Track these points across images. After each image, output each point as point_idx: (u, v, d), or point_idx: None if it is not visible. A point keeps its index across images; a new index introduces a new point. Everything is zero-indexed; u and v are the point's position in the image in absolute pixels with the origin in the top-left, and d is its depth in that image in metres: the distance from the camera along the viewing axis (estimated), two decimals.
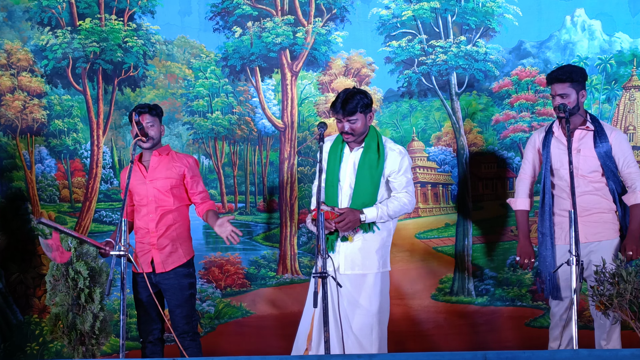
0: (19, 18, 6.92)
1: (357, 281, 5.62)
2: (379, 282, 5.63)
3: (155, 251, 5.89)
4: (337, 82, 6.85)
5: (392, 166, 5.65)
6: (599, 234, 5.70)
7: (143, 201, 5.91)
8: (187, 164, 5.96)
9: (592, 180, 5.72)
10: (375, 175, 5.62)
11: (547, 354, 4.75)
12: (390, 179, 5.68)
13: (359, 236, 5.62)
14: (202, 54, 6.89)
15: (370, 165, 5.62)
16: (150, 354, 5.94)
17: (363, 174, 5.62)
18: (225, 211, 6.90)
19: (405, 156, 5.71)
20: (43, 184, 6.93)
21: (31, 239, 6.88)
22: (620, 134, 5.81)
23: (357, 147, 5.68)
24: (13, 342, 6.88)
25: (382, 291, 5.65)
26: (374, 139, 5.67)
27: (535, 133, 5.98)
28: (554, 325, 5.80)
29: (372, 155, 5.63)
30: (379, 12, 6.82)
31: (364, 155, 5.64)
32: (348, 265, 5.63)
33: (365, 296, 5.61)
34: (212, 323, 6.90)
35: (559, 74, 5.68)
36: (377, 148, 5.64)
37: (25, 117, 6.92)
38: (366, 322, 5.60)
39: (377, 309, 5.61)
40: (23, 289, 6.91)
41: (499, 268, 6.82)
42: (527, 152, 5.98)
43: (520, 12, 6.74)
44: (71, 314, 5.56)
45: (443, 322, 6.85)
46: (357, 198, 5.62)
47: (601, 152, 5.68)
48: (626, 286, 5.05)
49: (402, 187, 5.66)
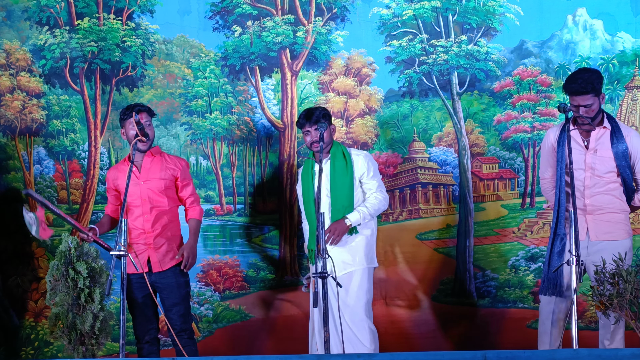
0: (18, 17, 6.89)
1: (345, 281, 5.83)
2: (365, 277, 5.89)
3: (151, 251, 5.88)
4: (337, 82, 6.83)
5: (361, 169, 5.96)
6: (609, 233, 5.66)
7: (136, 202, 5.89)
8: (179, 166, 5.99)
9: (608, 180, 5.67)
10: (347, 178, 5.92)
11: (547, 354, 4.74)
12: (363, 182, 5.98)
13: (345, 239, 5.88)
14: (202, 54, 6.86)
15: (341, 169, 5.93)
16: (148, 353, 5.92)
17: (336, 179, 5.92)
18: (224, 213, 6.86)
19: (371, 160, 6.04)
20: (41, 185, 6.90)
21: (28, 241, 6.83)
22: (637, 135, 5.77)
23: (325, 159, 5.96)
24: (9, 346, 6.83)
25: (368, 286, 5.93)
26: (338, 149, 5.99)
27: (549, 132, 5.89)
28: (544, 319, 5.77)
29: (340, 162, 5.95)
30: (379, 12, 6.80)
31: (332, 162, 5.95)
32: (340, 267, 5.82)
33: (353, 294, 5.86)
34: (210, 327, 6.85)
35: (581, 87, 5.54)
36: (343, 155, 5.96)
37: (24, 117, 6.89)
38: (357, 317, 5.84)
39: (364, 302, 5.88)
40: (19, 292, 6.87)
41: (500, 269, 6.79)
42: (544, 153, 5.91)
43: (522, 11, 6.73)
44: (71, 314, 5.54)
45: (444, 324, 6.82)
46: (335, 202, 5.90)
47: (618, 153, 5.64)
48: (626, 286, 5.03)
49: (374, 189, 5.97)
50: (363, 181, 5.97)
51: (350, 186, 5.91)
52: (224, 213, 6.88)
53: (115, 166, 6.18)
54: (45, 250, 6.82)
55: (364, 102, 6.82)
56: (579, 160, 5.66)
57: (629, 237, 5.73)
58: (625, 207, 5.72)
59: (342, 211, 5.87)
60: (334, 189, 5.90)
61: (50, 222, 6.86)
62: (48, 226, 5.68)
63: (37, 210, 5.60)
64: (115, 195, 6.07)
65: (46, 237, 5.66)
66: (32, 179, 6.89)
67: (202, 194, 6.85)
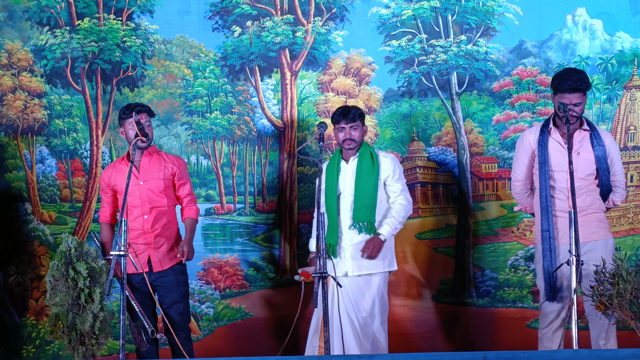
0: (19, 18, 6.91)
1: (362, 283, 5.91)
2: (382, 282, 5.95)
3: (152, 250, 5.91)
4: (336, 82, 6.84)
5: (387, 171, 6.00)
6: (594, 233, 5.73)
7: (135, 202, 5.90)
8: (178, 165, 6.01)
9: (589, 182, 5.75)
10: (373, 179, 5.95)
11: (547, 354, 4.75)
12: (387, 184, 6.02)
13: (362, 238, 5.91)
14: (201, 54, 6.87)
15: (367, 170, 5.96)
16: (147, 353, 5.94)
17: (362, 179, 5.95)
18: (224, 212, 6.88)
19: (397, 163, 6.08)
20: (44, 184, 6.92)
21: (30, 240, 6.87)
22: (613, 139, 5.90)
23: (352, 157, 6.03)
24: (10, 344, 6.86)
25: (384, 291, 5.98)
26: (366, 149, 6.03)
27: (526, 133, 5.91)
28: (546, 326, 5.78)
29: (367, 162, 5.98)
30: (378, 12, 6.80)
31: (360, 162, 5.99)
32: (356, 267, 5.90)
33: (369, 299, 5.90)
34: (211, 325, 6.87)
35: (580, 85, 5.59)
36: (371, 156, 6.00)
37: (27, 117, 6.91)
38: (370, 322, 5.90)
39: (379, 309, 5.90)
40: (21, 290, 6.89)
41: (499, 269, 6.80)
42: (521, 155, 5.92)
43: (521, 11, 6.73)
44: (71, 314, 5.52)
45: (444, 324, 6.84)
46: (358, 202, 5.92)
47: (598, 155, 5.71)
48: (626, 286, 5.04)
49: (399, 192, 6.02)
50: (387, 183, 6.02)
51: (375, 186, 5.95)
52: (224, 212, 6.90)
53: (111, 165, 6.17)
54: (48, 249, 6.84)
55: (364, 102, 6.82)
56: (563, 162, 5.67)
57: (611, 235, 5.85)
58: (603, 206, 5.82)
59: (363, 210, 5.92)
60: (359, 188, 5.95)
61: (53, 220, 6.91)
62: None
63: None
64: (111, 196, 6.06)
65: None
66: (34, 178, 6.91)
67: (203, 193, 6.87)
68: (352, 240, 5.96)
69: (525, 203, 6.04)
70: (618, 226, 6.78)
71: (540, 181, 5.75)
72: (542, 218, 5.72)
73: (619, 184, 5.85)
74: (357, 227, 5.93)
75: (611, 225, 6.75)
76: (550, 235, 5.67)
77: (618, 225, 6.78)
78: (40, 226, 6.87)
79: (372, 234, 5.91)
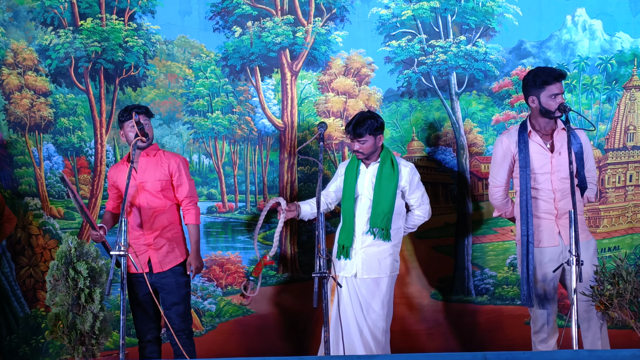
0: (24, 18, 6.96)
1: (372, 285, 5.99)
2: (389, 285, 6.04)
3: (152, 251, 5.95)
4: (336, 82, 6.86)
5: (405, 180, 6.07)
6: (581, 234, 5.61)
7: (134, 202, 5.96)
8: (175, 163, 6.01)
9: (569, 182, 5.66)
10: (392, 186, 6.00)
11: (547, 355, 4.77)
12: (406, 193, 6.11)
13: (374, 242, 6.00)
14: (202, 54, 6.90)
15: (388, 177, 6.02)
16: (149, 353, 6.01)
17: (381, 185, 6.01)
18: (226, 210, 6.93)
19: (416, 173, 6.15)
20: (52, 180, 7.00)
21: (41, 233, 6.96)
22: (585, 134, 5.84)
23: (373, 162, 6.09)
24: (19, 334, 6.97)
25: (391, 294, 6.08)
26: (388, 156, 6.09)
27: (504, 137, 5.84)
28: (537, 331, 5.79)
29: (388, 169, 6.03)
30: (378, 12, 6.80)
31: (380, 168, 6.05)
32: (365, 270, 5.99)
33: (379, 300, 5.99)
34: (213, 321, 6.94)
35: (562, 71, 5.66)
36: (392, 163, 6.04)
37: (33, 114, 6.98)
38: (379, 324, 5.98)
39: (387, 311, 6.01)
40: (32, 282, 6.99)
41: (498, 267, 6.82)
42: (500, 159, 5.86)
43: (521, 11, 6.71)
44: (71, 314, 5.58)
45: (443, 322, 6.86)
46: (377, 208, 6.00)
47: (577, 153, 5.65)
48: (626, 286, 5.05)
49: (418, 201, 6.15)
50: (405, 191, 6.10)
51: (394, 194, 6.01)
52: (225, 210, 6.95)
53: (115, 165, 6.26)
54: (58, 242, 6.92)
55: (363, 102, 6.84)
56: (546, 164, 5.66)
57: (592, 236, 5.86)
58: (582, 208, 5.80)
59: (381, 216, 5.98)
60: (378, 194, 6.01)
61: (62, 216, 7.00)
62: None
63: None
64: (115, 193, 6.14)
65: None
66: (42, 174, 6.99)
67: (205, 191, 6.93)
68: (364, 243, 6.03)
69: (504, 209, 6.00)
70: (617, 225, 6.78)
71: (520, 185, 5.71)
72: (522, 222, 5.69)
73: (591, 180, 5.80)
74: (373, 233, 6.00)
75: (610, 225, 6.77)
76: (529, 240, 5.64)
77: (617, 224, 6.78)
78: (51, 220, 6.96)
79: (387, 241, 5.98)
